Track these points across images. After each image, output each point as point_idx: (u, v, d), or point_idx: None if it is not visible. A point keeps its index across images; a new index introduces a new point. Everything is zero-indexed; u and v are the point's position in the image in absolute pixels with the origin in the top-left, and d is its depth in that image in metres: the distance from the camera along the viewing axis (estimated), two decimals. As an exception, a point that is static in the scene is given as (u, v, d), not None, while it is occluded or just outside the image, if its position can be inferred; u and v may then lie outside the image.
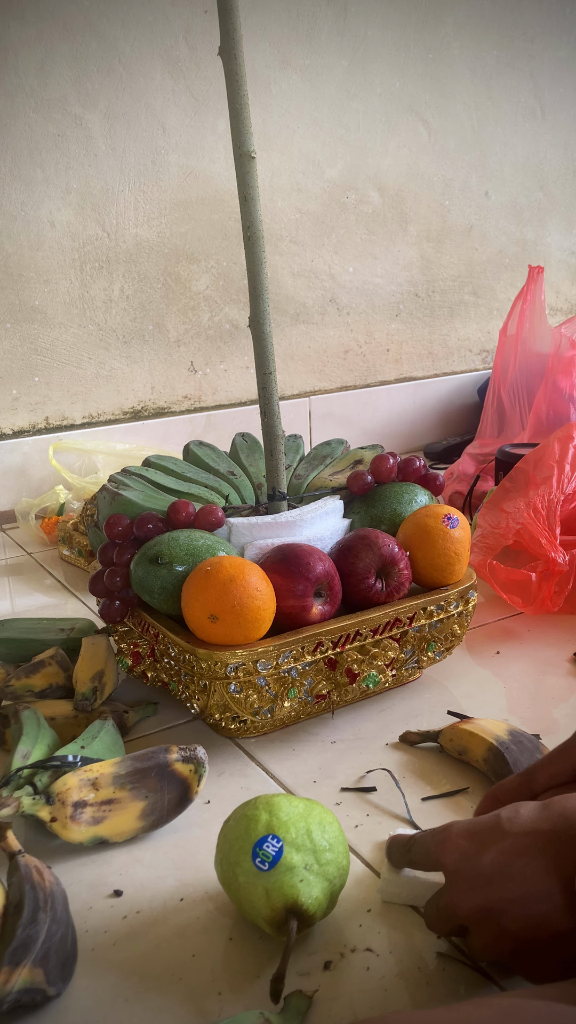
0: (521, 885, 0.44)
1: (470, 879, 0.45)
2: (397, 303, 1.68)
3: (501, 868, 0.44)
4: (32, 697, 0.76)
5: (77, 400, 1.39)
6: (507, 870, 0.44)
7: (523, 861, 0.44)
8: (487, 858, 0.45)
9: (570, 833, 0.44)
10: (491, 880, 0.45)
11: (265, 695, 0.68)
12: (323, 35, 1.45)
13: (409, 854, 0.51)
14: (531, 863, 0.44)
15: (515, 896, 0.44)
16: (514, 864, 0.44)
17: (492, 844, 0.46)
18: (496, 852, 0.45)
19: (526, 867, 0.44)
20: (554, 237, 1.85)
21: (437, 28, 1.56)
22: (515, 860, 0.44)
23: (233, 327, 1.49)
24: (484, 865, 0.45)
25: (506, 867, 0.44)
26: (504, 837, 0.45)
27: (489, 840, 0.46)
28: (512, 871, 0.44)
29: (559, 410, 1.29)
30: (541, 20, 1.69)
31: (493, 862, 0.45)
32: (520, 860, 0.44)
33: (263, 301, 0.75)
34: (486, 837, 0.46)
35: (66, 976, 0.49)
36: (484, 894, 0.45)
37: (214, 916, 0.54)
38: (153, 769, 0.61)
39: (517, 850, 0.45)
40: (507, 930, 0.44)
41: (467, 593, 0.78)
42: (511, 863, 0.44)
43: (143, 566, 0.70)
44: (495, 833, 0.46)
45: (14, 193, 1.26)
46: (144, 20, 1.29)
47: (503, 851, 0.45)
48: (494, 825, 0.46)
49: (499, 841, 0.45)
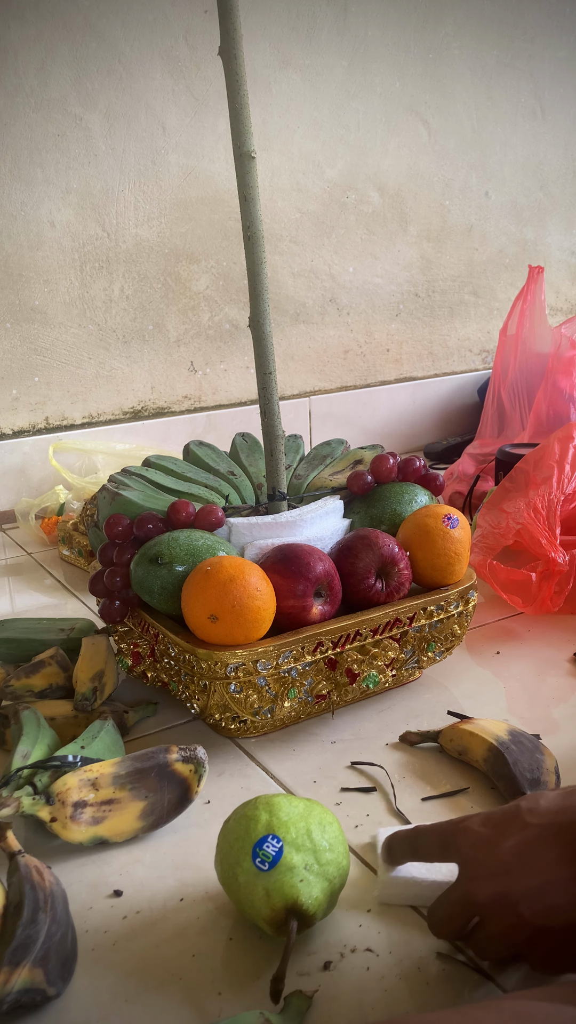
0: (539, 874, 0.44)
1: (489, 866, 0.46)
2: (397, 303, 1.68)
3: (520, 857, 0.45)
4: (32, 697, 0.76)
5: (77, 400, 1.39)
6: (526, 859, 0.44)
7: (542, 850, 0.44)
8: (506, 846, 0.45)
9: None
10: (510, 868, 0.45)
11: (265, 695, 0.68)
12: (323, 35, 1.45)
13: (415, 845, 0.51)
14: (550, 852, 0.44)
15: (533, 885, 0.44)
16: (533, 853, 0.44)
17: (512, 834, 0.46)
18: (516, 841, 0.45)
19: (545, 856, 0.44)
20: (554, 237, 1.85)
21: (437, 28, 1.56)
22: (534, 849, 0.45)
23: (233, 327, 1.49)
24: (503, 853, 0.45)
25: (525, 856, 0.45)
26: (524, 827, 0.46)
27: (509, 829, 0.46)
28: (531, 860, 0.44)
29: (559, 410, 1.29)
30: (541, 20, 1.69)
31: (512, 851, 0.45)
32: (539, 849, 0.44)
33: (263, 301, 0.75)
34: (506, 826, 0.46)
35: (66, 976, 0.49)
36: (503, 882, 0.45)
37: (214, 916, 0.54)
38: (153, 769, 0.61)
39: (537, 840, 0.45)
40: (523, 918, 0.44)
41: (467, 593, 0.78)
42: (530, 852, 0.45)
43: (143, 566, 0.70)
44: (515, 822, 0.46)
45: (14, 193, 1.26)
46: (144, 20, 1.29)
47: (523, 840, 0.45)
48: (514, 814, 0.47)
49: (519, 831, 0.46)
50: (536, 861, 0.44)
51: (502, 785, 0.64)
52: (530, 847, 0.45)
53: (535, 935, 0.44)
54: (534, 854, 0.45)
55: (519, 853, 0.45)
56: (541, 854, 0.44)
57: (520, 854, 0.45)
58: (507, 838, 0.46)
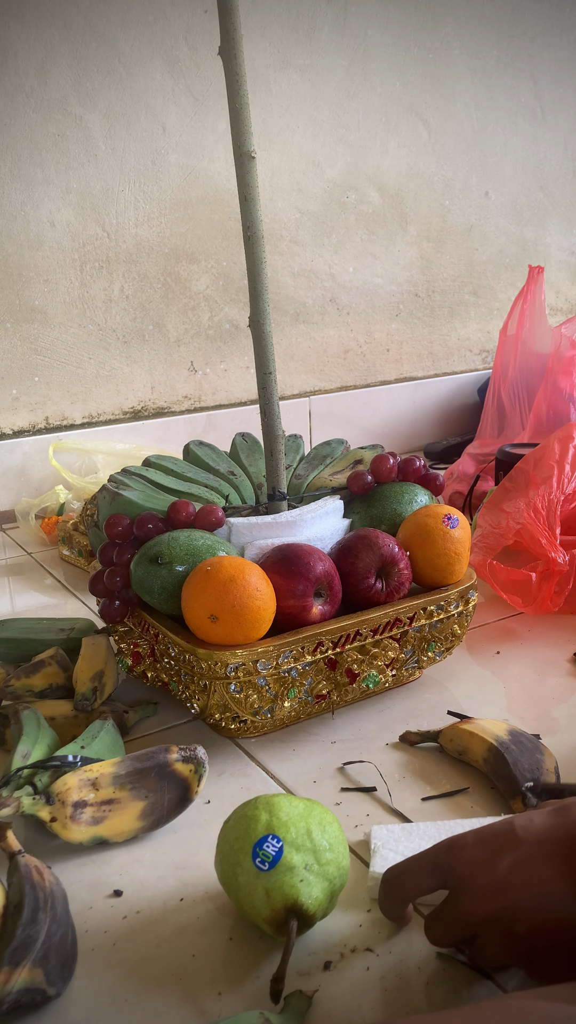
0: (536, 891, 0.44)
1: (486, 887, 0.46)
2: (397, 303, 1.68)
3: (517, 875, 0.45)
4: (32, 697, 0.76)
5: (77, 400, 1.39)
6: (523, 877, 0.45)
7: (539, 868, 0.45)
8: (502, 866, 0.45)
9: None
10: (507, 887, 0.45)
11: (265, 695, 0.68)
12: (323, 35, 1.45)
13: (403, 882, 0.49)
14: (547, 869, 0.44)
15: (530, 902, 0.44)
16: (530, 871, 0.45)
17: (507, 853, 0.46)
18: (511, 860, 0.45)
19: (542, 873, 0.44)
20: (554, 237, 1.85)
21: (437, 28, 1.56)
22: (531, 867, 0.45)
23: (233, 327, 1.49)
24: (499, 873, 0.45)
25: (522, 874, 0.45)
26: (519, 845, 0.46)
27: (504, 849, 0.46)
28: (528, 878, 0.45)
29: (559, 410, 1.29)
30: (541, 20, 1.69)
31: (508, 869, 0.45)
32: (535, 867, 0.45)
33: (263, 301, 0.75)
34: (501, 846, 0.46)
35: (66, 976, 0.49)
36: (500, 900, 0.45)
37: (214, 916, 0.54)
38: (153, 769, 0.61)
39: (532, 858, 0.45)
40: (521, 935, 0.44)
41: (467, 593, 0.78)
42: (527, 870, 0.45)
43: (143, 566, 0.70)
44: (510, 842, 0.46)
45: (14, 193, 1.26)
46: (144, 20, 1.29)
47: (519, 859, 0.45)
48: (508, 833, 0.47)
49: (514, 850, 0.46)
50: (533, 879, 0.44)
51: (502, 785, 0.64)
52: (527, 865, 0.45)
53: (533, 951, 0.45)
54: (531, 872, 0.45)
55: (516, 871, 0.45)
56: (538, 872, 0.45)
57: (517, 872, 0.45)
58: (503, 857, 0.46)
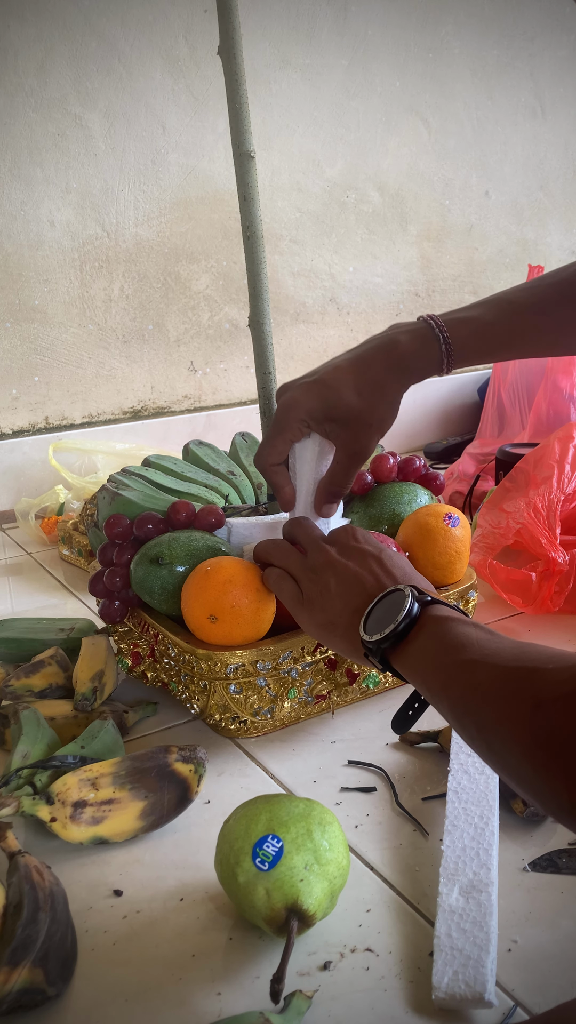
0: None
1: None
2: (397, 303, 1.67)
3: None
4: (32, 697, 0.76)
5: (77, 400, 1.39)
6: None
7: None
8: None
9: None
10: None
11: (265, 695, 0.68)
12: (323, 35, 1.45)
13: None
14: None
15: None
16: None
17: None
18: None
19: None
20: (554, 237, 1.85)
21: (437, 28, 1.56)
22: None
23: (233, 327, 1.49)
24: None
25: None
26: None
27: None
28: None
29: (559, 410, 1.29)
30: (541, 20, 1.69)
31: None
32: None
33: (263, 301, 0.75)
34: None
35: (66, 976, 0.49)
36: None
37: (214, 916, 0.54)
38: (153, 769, 0.61)
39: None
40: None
41: (467, 593, 0.78)
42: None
43: (143, 566, 0.70)
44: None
45: (14, 193, 1.26)
46: (144, 20, 1.29)
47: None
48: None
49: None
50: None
51: (501, 784, 0.64)
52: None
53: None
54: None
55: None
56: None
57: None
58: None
